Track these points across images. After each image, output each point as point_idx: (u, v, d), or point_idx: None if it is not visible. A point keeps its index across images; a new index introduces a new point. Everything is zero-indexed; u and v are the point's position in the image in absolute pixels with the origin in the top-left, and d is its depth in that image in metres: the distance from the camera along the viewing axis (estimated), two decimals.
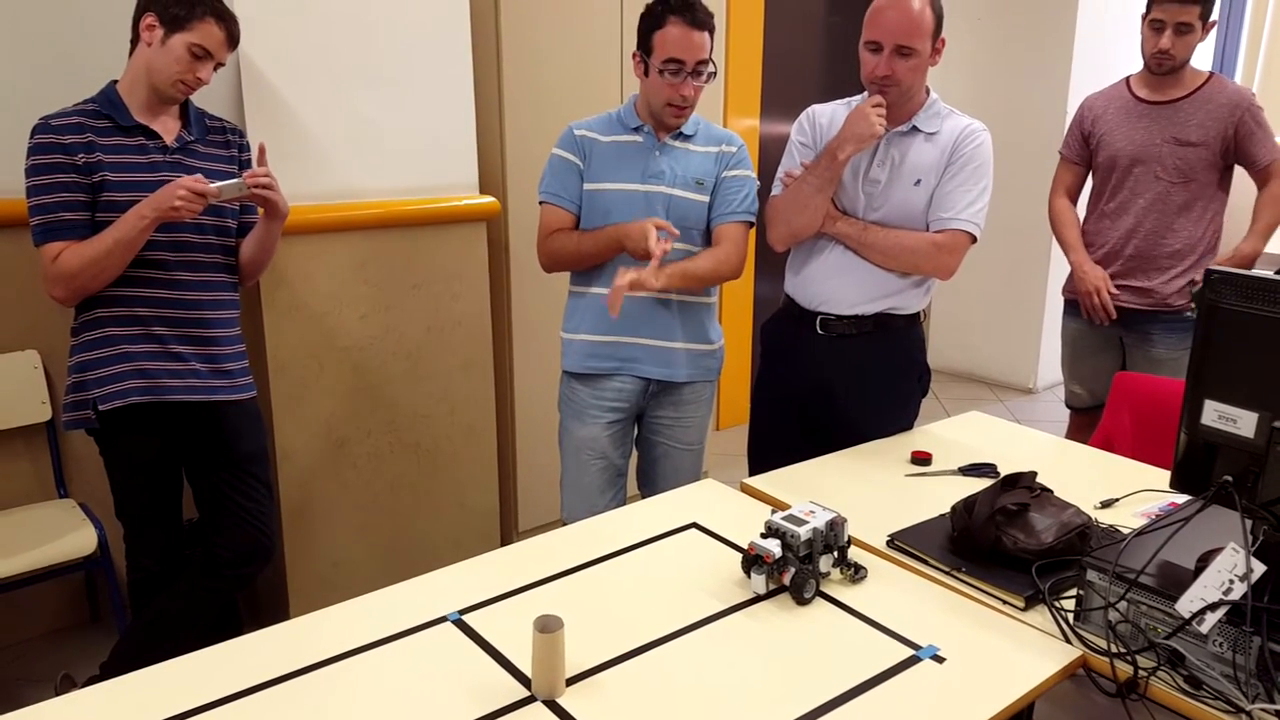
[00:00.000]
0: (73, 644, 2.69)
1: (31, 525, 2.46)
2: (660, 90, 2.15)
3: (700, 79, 2.15)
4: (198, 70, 2.02)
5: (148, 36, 2.00)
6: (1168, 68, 2.74)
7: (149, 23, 1.99)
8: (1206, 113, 2.72)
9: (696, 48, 2.11)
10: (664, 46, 2.11)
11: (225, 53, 2.06)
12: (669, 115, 2.19)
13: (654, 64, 2.14)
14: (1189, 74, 2.78)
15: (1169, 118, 2.76)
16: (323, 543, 2.72)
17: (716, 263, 2.23)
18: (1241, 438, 1.29)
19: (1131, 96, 2.85)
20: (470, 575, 1.60)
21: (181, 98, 2.07)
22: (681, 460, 2.41)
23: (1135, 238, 2.81)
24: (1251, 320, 1.28)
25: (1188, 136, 2.72)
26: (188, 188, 1.93)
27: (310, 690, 1.29)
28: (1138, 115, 2.81)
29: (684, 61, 2.11)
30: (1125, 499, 1.87)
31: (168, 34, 1.98)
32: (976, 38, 5.03)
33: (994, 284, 5.16)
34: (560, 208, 2.26)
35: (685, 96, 2.15)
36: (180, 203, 1.92)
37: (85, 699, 1.28)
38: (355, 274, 2.65)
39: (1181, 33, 2.68)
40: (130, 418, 2.05)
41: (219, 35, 2.02)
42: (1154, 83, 2.81)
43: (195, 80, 2.03)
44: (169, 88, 2.03)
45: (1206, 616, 1.25)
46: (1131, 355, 2.89)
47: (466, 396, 2.95)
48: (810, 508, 1.55)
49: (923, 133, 2.13)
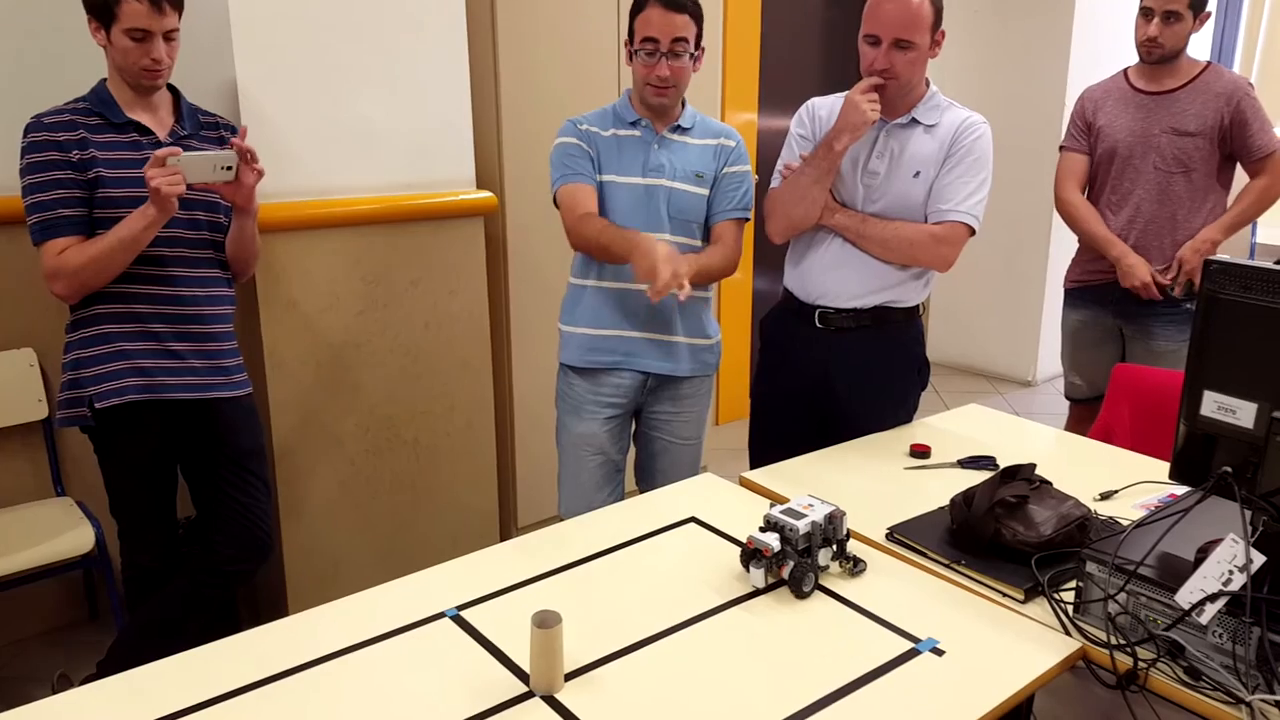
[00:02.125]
0: (70, 642, 2.69)
1: (28, 524, 2.45)
2: (639, 71, 2.18)
3: (679, 60, 2.15)
4: (150, 53, 1.97)
5: (98, 40, 1.99)
6: (1156, 56, 2.75)
7: (92, 28, 1.98)
8: (1203, 102, 2.72)
9: (671, 27, 2.12)
10: (642, 27, 2.14)
11: (162, 21, 1.96)
12: (650, 95, 2.18)
13: (635, 46, 2.17)
14: (1185, 64, 2.78)
15: (1167, 108, 2.75)
16: (320, 540, 2.71)
17: (725, 260, 2.26)
18: (1241, 428, 1.29)
19: (1129, 87, 2.85)
20: (468, 571, 1.59)
21: (156, 83, 2.04)
22: (680, 455, 2.40)
23: (1135, 228, 2.81)
24: (1251, 311, 1.27)
25: (1185, 126, 2.72)
26: (152, 162, 1.89)
27: (308, 687, 1.29)
28: (1135, 106, 2.81)
29: (659, 40, 2.12)
30: (1124, 491, 1.86)
31: (106, 30, 1.96)
32: (974, 30, 5.02)
33: (992, 276, 5.16)
34: (580, 183, 2.21)
35: (661, 77, 2.14)
36: (155, 182, 1.88)
37: (82, 697, 1.27)
38: (352, 270, 2.64)
39: (1169, 21, 2.69)
40: (126, 416, 2.04)
41: (142, 9, 1.93)
42: (1151, 73, 2.81)
43: (153, 63, 1.99)
44: (137, 79, 2.01)
45: (1206, 607, 1.24)
46: (1131, 347, 2.89)
47: (464, 393, 2.94)
48: (809, 501, 1.55)
49: (922, 125, 2.12)
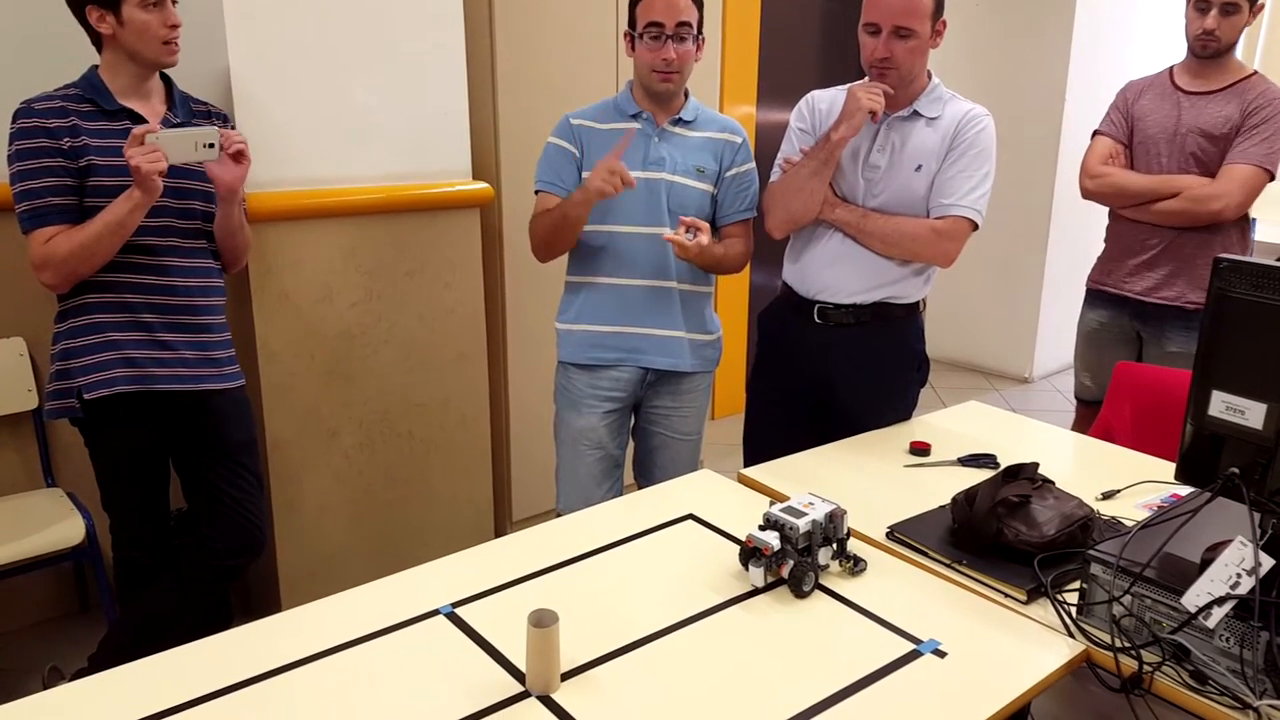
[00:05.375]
0: (61, 634, 2.66)
1: (18, 515, 2.43)
2: (644, 57, 2.15)
3: (684, 44, 2.14)
4: (167, 20, 1.96)
5: (104, 28, 1.94)
6: (1213, 50, 2.65)
7: (95, 16, 1.94)
8: (1233, 108, 2.64)
9: (675, 10, 2.11)
10: (646, 12, 2.12)
11: None
12: (656, 81, 2.16)
13: (638, 34, 2.14)
14: (1232, 65, 2.70)
15: (1201, 108, 2.68)
16: (314, 534, 2.69)
17: (741, 253, 2.28)
18: (1249, 429, 1.27)
19: (1171, 84, 2.79)
20: (463, 567, 1.57)
21: (173, 57, 2.02)
22: (679, 450, 2.39)
23: (1161, 230, 2.75)
24: (1261, 309, 1.25)
25: (1212, 129, 2.66)
26: (130, 140, 1.86)
27: (301, 684, 1.27)
28: (1172, 103, 2.73)
29: (663, 24, 2.11)
30: (1126, 490, 1.85)
31: (116, 13, 1.93)
32: (974, 23, 4.99)
33: (991, 273, 5.14)
34: (554, 195, 2.23)
35: (667, 60, 2.13)
36: (135, 161, 1.84)
37: (73, 693, 1.26)
38: (346, 261, 2.62)
39: (1228, 13, 2.59)
40: (116, 407, 2.02)
41: None
42: (1195, 71, 2.73)
43: (170, 31, 1.97)
44: (158, 55, 1.98)
45: (1213, 611, 1.23)
46: (1148, 349, 2.85)
47: (459, 386, 2.92)
48: (809, 499, 1.53)
49: (924, 117, 2.10)
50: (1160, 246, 2.74)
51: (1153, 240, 2.75)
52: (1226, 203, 2.61)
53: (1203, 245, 2.68)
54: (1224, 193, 2.61)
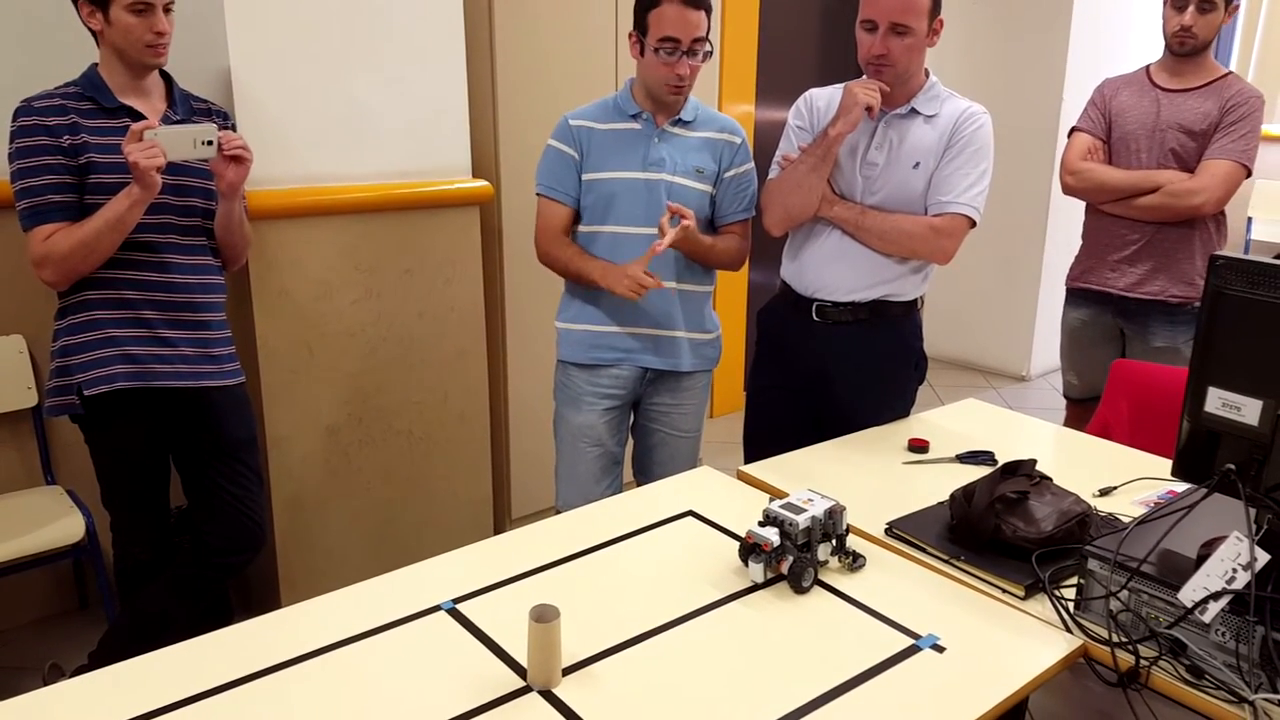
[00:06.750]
0: (61, 631, 2.66)
1: (18, 512, 2.43)
2: (656, 70, 2.12)
3: (696, 58, 2.13)
4: (153, 26, 1.95)
5: (94, 24, 1.96)
6: (1190, 47, 2.67)
7: (86, 12, 1.95)
8: (1211, 105, 2.68)
9: (692, 26, 2.08)
10: (660, 25, 2.09)
11: None
12: (667, 94, 2.16)
13: (650, 43, 2.11)
14: (1208, 65, 2.72)
15: (1180, 104, 2.71)
16: (314, 531, 2.70)
17: (739, 250, 2.28)
18: (1245, 425, 1.28)
19: (1149, 81, 2.81)
20: (464, 564, 1.58)
21: (160, 59, 2.02)
22: (678, 447, 2.39)
23: (1141, 225, 2.77)
24: (1257, 306, 1.26)
25: (1192, 125, 2.68)
26: (129, 137, 1.86)
27: (302, 681, 1.27)
28: (1151, 99, 2.76)
29: (680, 40, 2.08)
30: (1123, 487, 1.85)
31: (105, 11, 1.93)
32: (972, 21, 5.00)
33: (988, 270, 5.15)
34: (557, 202, 2.24)
35: (681, 76, 2.12)
36: (134, 157, 1.85)
37: (74, 689, 1.26)
38: (346, 259, 2.62)
39: (1204, 10, 2.62)
40: (116, 404, 2.02)
41: None
42: (1173, 68, 2.75)
43: (156, 36, 1.97)
44: (141, 57, 1.98)
45: (1209, 606, 1.23)
46: (1131, 346, 2.87)
47: (459, 383, 2.92)
48: (808, 496, 1.53)
49: (922, 115, 2.10)
50: (1140, 242, 2.75)
51: (1132, 236, 2.77)
52: (1206, 198, 2.62)
53: (1182, 240, 2.71)
54: (1204, 188, 2.63)
